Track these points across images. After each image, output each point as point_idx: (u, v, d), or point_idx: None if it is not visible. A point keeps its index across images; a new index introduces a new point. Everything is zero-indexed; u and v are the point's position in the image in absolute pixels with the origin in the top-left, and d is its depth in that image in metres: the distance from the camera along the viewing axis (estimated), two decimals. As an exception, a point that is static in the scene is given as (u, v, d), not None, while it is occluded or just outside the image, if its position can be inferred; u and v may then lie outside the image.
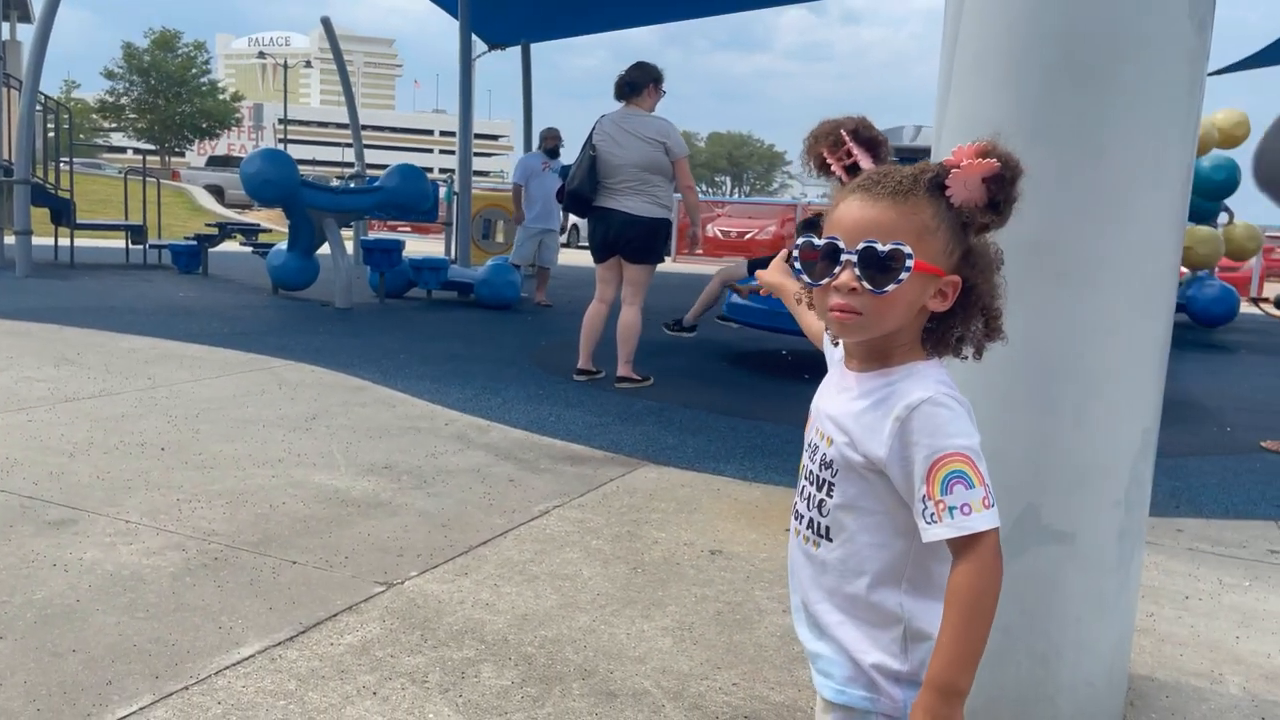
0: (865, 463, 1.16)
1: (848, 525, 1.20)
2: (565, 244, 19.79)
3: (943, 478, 1.09)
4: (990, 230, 1.17)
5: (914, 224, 1.12)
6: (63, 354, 5.65)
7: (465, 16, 11.88)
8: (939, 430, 1.11)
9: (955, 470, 1.09)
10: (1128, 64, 1.83)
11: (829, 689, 1.22)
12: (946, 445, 1.10)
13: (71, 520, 3.01)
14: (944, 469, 1.09)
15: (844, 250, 1.13)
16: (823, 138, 1.25)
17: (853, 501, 1.19)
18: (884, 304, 1.12)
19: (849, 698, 1.20)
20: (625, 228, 5.61)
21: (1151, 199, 1.89)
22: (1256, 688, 2.36)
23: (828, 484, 1.21)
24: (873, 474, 1.16)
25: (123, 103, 54.59)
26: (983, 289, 1.18)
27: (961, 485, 1.09)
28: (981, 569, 1.09)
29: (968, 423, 1.13)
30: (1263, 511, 3.86)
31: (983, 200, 1.12)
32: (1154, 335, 1.97)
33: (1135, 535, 2.03)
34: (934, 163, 1.16)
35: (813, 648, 1.26)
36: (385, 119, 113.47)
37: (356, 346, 6.59)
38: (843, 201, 1.17)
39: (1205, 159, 10.36)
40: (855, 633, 1.20)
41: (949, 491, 1.09)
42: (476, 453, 4.06)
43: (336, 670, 2.18)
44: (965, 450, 1.10)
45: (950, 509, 1.08)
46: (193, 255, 11.61)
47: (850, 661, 1.20)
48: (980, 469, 1.10)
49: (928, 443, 1.11)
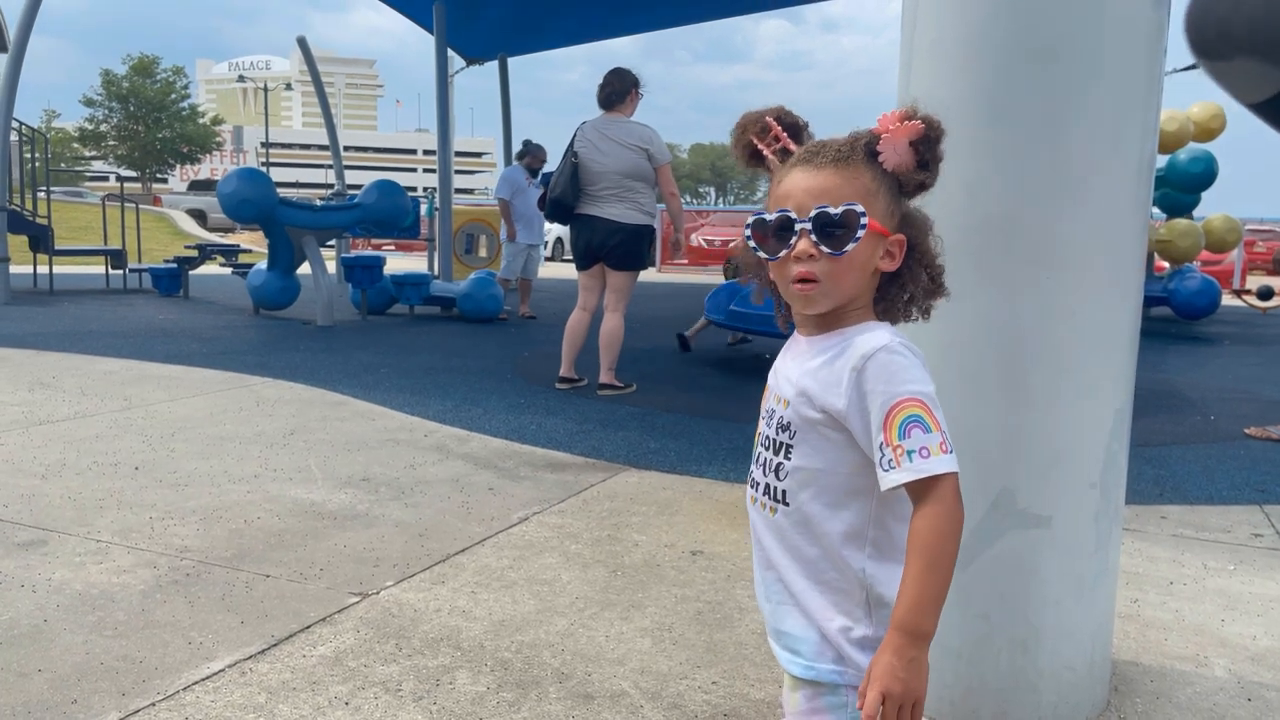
0: (824, 419, 1.17)
1: (807, 487, 1.19)
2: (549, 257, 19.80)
3: (900, 422, 1.10)
4: (925, 190, 1.20)
5: (858, 187, 1.16)
6: (38, 378, 5.59)
7: (441, 31, 11.89)
8: (894, 377, 1.12)
9: (912, 414, 1.11)
10: (1085, 39, 1.82)
11: (797, 665, 1.21)
12: (901, 391, 1.12)
13: (41, 541, 2.96)
14: (901, 414, 1.11)
15: (797, 220, 1.16)
16: (750, 126, 1.28)
17: (811, 463, 1.19)
18: (842, 267, 1.15)
19: (818, 672, 1.19)
20: (608, 235, 5.59)
21: (1113, 176, 1.87)
22: (1242, 670, 2.33)
23: (785, 447, 1.21)
24: (832, 431, 1.17)
25: (103, 130, 54.38)
26: (924, 247, 1.22)
27: (919, 429, 1.10)
28: (942, 512, 1.10)
29: (922, 370, 1.15)
30: (1246, 497, 3.85)
31: (912, 162, 1.16)
32: (1122, 315, 1.95)
33: (1112, 517, 2.01)
34: (864, 130, 1.19)
35: (777, 624, 1.25)
36: (368, 139, 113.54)
37: (337, 363, 6.55)
38: (786, 177, 1.20)
39: (1183, 152, 10.42)
40: (820, 599, 1.19)
41: (906, 435, 1.10)
42: (456, 463, 4.02)
43: (308, 682, 2.14)
44: (920, 395, 1.12)
45: (909, 453, 1.10)
46: (173, 278, 11.54)
47: (816, 632, 1.19)
48: (936, 414, 1.12)
49: (883, 389, 1.12)
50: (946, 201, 1.91)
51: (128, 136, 54.08)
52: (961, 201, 1.88)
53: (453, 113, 12.95)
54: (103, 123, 54.31)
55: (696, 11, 14.00)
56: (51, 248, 11.61)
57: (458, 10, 12.12)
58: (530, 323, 9.45)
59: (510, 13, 13.16)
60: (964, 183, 1.88)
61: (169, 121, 54.40)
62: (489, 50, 14.78)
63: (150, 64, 54.39)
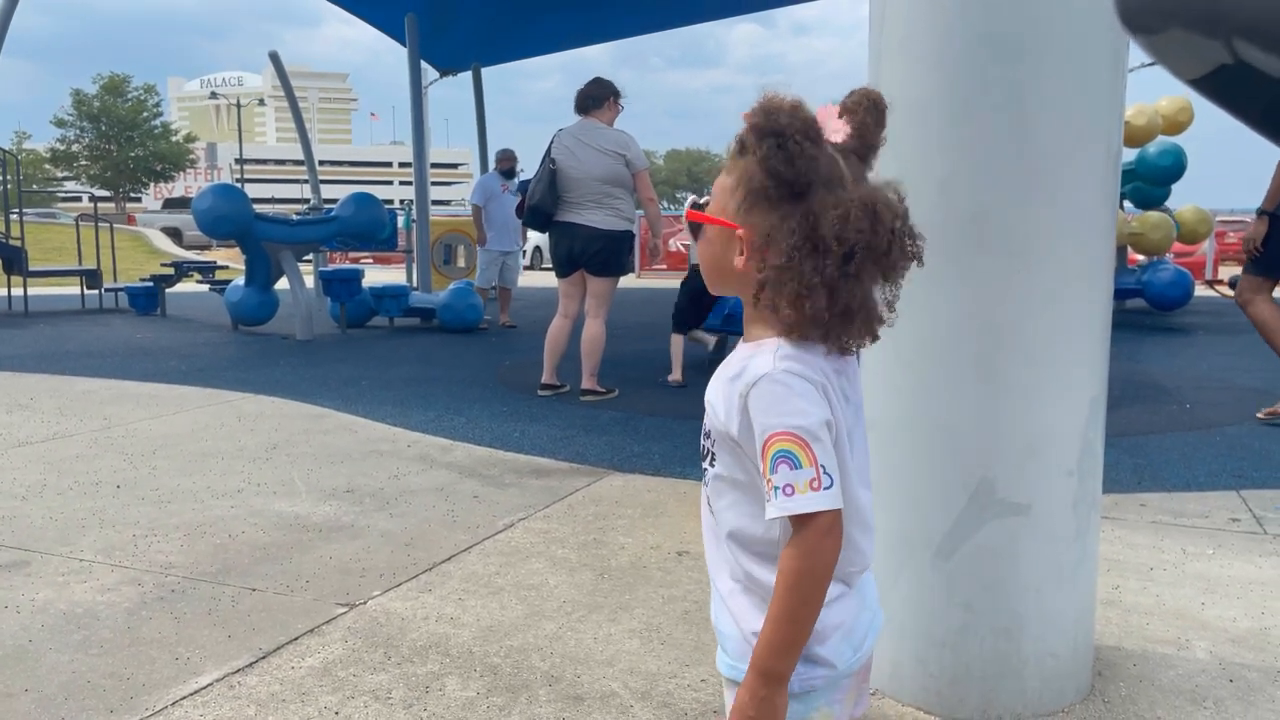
0: (726, 435, 1.16)
1: (726, 494, 1.20)
2: (529, 266, 19.78)
3: (771, 456, 1.08)
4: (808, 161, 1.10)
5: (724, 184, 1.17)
6: (15, 400, 5.54)
7: (414, 43, 11.87)
8: (770, 408, 1.09)
9: (781, 450, 1.07)
10: (1050, 34, 1.85)
11: (724, 664, 1.22)
12: (776, 424, 1.08)
13: (23, 562, 2.94)
14: (773, 447, 1.08)
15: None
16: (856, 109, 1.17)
17: (729, 471, 1.18)
18: (703, 252, 1.20)
19: (739, 672, 1.16)
20: (588, 241, 5.60)
21: (1082, 169, 1.90)
22: (1223, 651, 2.37)
23: (710, 453, 1.21)
24: (738, 445, 1.16)
25: (75, 150, 53.96)
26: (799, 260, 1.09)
27: (786, 465, 1.07)
28: (805, 552, 1.08)
29: (805, 401, 1.09)
30: (1224, 483, 3.90)
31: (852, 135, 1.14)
32: (1094, 304, 1.98)
33: (1090, 504, 2.04)
34: None
35: (715, 621, 1.25)
36: (343, 153, 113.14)
37: (317, 376, 6.52)
38: None
39: (1152, 146, 10.53)
40: (743, 599, 1.19)
41: (775, 470, 1.07)
42: (440, 472, 4.02)
43: (297, 693, 2.14)
44: (794, 429, 1.07)
45: (775, 489, 1.07)
46: (150, 296, 11.45)
47: (739, 633, 1.19)
48: (812, 450, 1.07)
49: (761, 420, 1.09)
50: (919, 198, 1.94)
51: (100, 156, 53.69)
52: (934, 198, 1.90)
53: (428, 124, 12.95)
54: (74, 143, 53.90)
55: (668, 17, 14.03)
56: (25, 269, 11.50)
57: (430, 21, 12.11)
58: (511, 331, 9.44)
59: (482, 23, 13.15)
60: (936, 179, 1.91)
61: (141, 140, 54.05)
62: (462, 61, 14.75)
63: (121, 83, 54.04)
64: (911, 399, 2.00)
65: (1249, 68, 0.52)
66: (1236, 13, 0.51)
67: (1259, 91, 0.53)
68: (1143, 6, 0.55)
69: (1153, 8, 0.55)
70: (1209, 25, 0.52)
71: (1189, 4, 0.52)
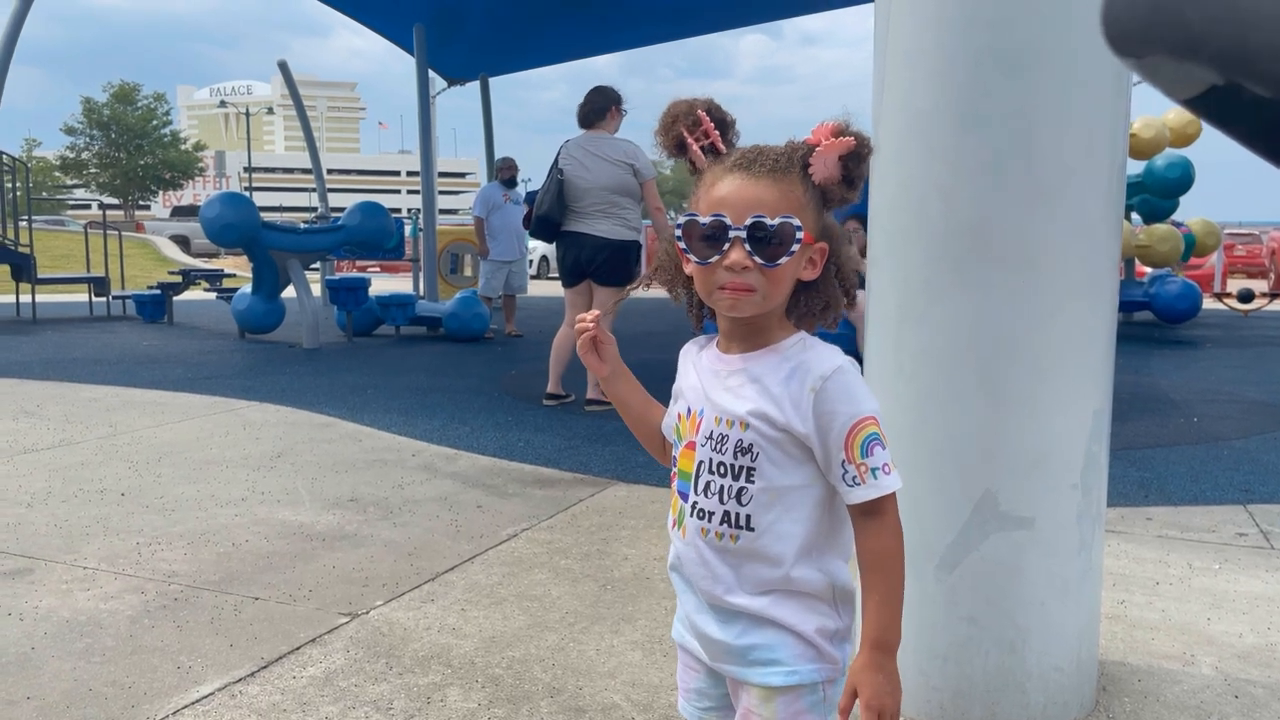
0: (788, 438, 1.18)
1: (771, 508, 1.20)
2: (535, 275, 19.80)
3: (862, 441, 1.15)
4: (846, 204, 1.21)
5: (792, 199, 1.17)
6: (22, 407, 5.56)
7: (422, 53, 11.92)
8: (854, 396, 1.16)
9: (873, 433, 1.16)
10: (1054, 47, 1.85)
11: (778, 675, 1.21)
12: (864, 409, 1.16)
13: (27, 570, 2.94)
14: (863, 432, 1.15)
15: (732, 227, 1.15)
16: (681, 118, 1.26)
17: (776, 481, 1.19)
18: (776, 278, 1.16)
19: (801, 675, 1.20)
20: (596, 251, 5.61)
21: (1086, 180, 1.90)
22: (1229, 667, 2.35)
23: (746, 470, 1.20)
24: (795, 448, 1.19)
25: (84, 158, 54.22)
26: (843, 255, 1.24)
27: (879, 447, 1.16)
28: (896, 529, 1.17)
29: (868, 387, 1.21)
30: (1231, 497, 3.88)
31: (838, 176, 1.17)
32: (1097, 317, 1.98)
33: (1094, 517, 2.03)
34: (799, 141, 1.20)
35: (738, 643, 1.22)
36: (351, 162, 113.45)
37: (323, 384, 6.53)
38: (721, 181, 1.19)
39: (1159, 158, 10.52)
40: (790, 605, 1.20)
41: (869, 454, 1.15)
42: (444, 481, 4.02)
43: (298, 703, 2.14)
44: (876, 414, 1.17)
45: (873, 470, 1.15)
46: (157, 304, 11.49)
47: (795, 637, 1.20)
48: (885, 433, 1.18)
49: (846, 409, 1.16)
50: (923, 208, 1.94)
51: (109, 164, 53.93)
52: (938, 208, 1.90)
53: (435, 133, 12.99)
54: (84, 150, 54.16)
55: (676, 29, 14.08)
56: (34, 277, 11.55)
57: (438, 31, 12.16)
58: (516, 341, 9.45)
59: (490, 33, 13.22)
60: (940, 190, 1.91)
61: (151, 148, 54.30)
62: (470, 71, 14.82)
63: (131, 91, 54.31)
64: (914, 411, 1.99)
65: (1240, 88, 0.52)
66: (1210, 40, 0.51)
67: (1252, 111, 0.53)
68: (1124, 33, 0.55)
69: (1135, 35, 0.55)
70: (1188, 53, 0.52)
71: (1166, 33, 0.52)
